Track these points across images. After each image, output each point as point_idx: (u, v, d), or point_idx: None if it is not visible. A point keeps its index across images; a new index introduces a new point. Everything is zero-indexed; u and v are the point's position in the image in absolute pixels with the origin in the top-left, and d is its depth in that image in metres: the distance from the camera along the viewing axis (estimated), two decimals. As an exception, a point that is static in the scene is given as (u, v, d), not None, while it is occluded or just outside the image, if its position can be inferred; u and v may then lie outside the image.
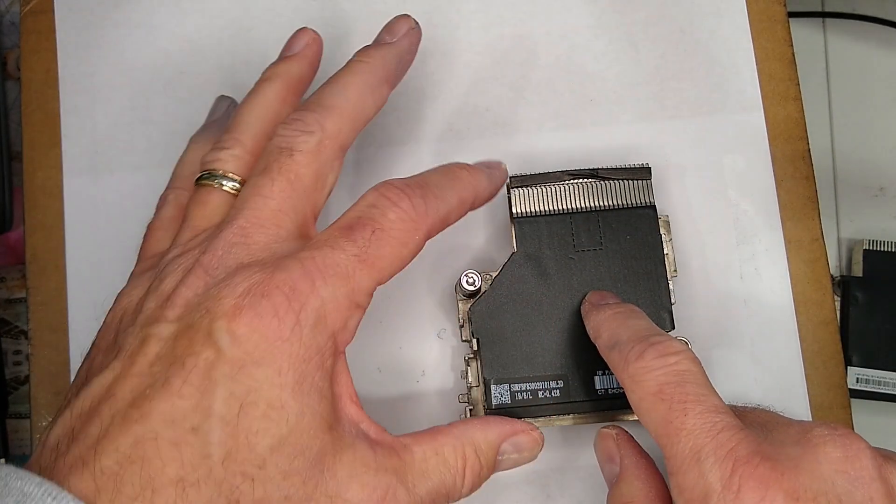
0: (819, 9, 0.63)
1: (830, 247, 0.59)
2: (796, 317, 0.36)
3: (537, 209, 0.34)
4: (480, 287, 0.33)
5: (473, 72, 0.38)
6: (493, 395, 0.32)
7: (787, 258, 0.36)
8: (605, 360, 0.29)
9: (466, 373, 0.33)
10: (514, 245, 0.34)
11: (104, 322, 0.28)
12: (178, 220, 0.30)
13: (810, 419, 0.35)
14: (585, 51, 0.38)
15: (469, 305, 0.33)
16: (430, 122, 0.37)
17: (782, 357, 0.35)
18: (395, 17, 0.33)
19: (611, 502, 0.28)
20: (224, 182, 0.29)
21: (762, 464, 0.23)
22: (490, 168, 0.32)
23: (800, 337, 0.35)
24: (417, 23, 0.33)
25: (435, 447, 0.27)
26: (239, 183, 0.29)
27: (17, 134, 0.43)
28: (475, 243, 0.36)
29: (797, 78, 0.38)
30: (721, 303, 0.36)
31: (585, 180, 0.34)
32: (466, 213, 0.30)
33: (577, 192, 0.34)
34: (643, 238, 0.33)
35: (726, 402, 0.26)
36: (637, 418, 0.33)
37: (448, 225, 0.30)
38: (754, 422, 0.27)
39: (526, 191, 0.34)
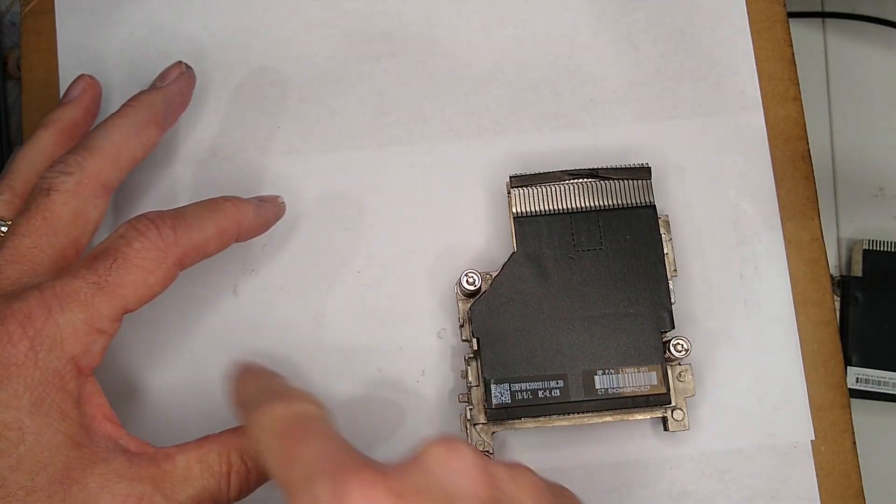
0: (819, 9, 0.63)
1: (830, 247, 0.59)
2: (796, 317, 0.36)
3: (537, 209, 0.34)
4: (480, 287, 0.33)
5: (473, 72, 0.38)
6: (493, 395, 0.32)
7: (787, 258, 0.36)
8: (239, 421, 0.28)
9: (466, 373, 0.33)
10: (514, 245, 0.34)
11: None
12: None
13: (810, 419, 0.35)
14: (585, 51, 0.38)
15: (469, 305, 0.33)
16: (430, 122, 0.37)
17: (782, 357, 0.35)
18: (169, 66, 0.35)
19: None
20: None
21: (367, 470, 0.23)
22: (263, 202, 0.33)
23: (800, 337, 0.36)
24: (189, 67, 0.36)
25: (199, 454, 0.28)
26: (8, 225, 0.31)
27: (17, 134, 0.43)
28: (475, 243, 0.36)
29: (797, 78, 0.38)
30: (721, 303, 0.36)
31: (585, 180, 0.34)
32: (230, 243, 0.32)
33: (577, 192, 0.34)
34: (643, 238, 0.33)
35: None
36: (640, 417, 0.33)
37: (206, 254, 0.31)
38: None
39: (526, 191, 0.34)
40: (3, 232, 0.31)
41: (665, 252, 0.34)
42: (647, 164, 0.34)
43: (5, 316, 0.26)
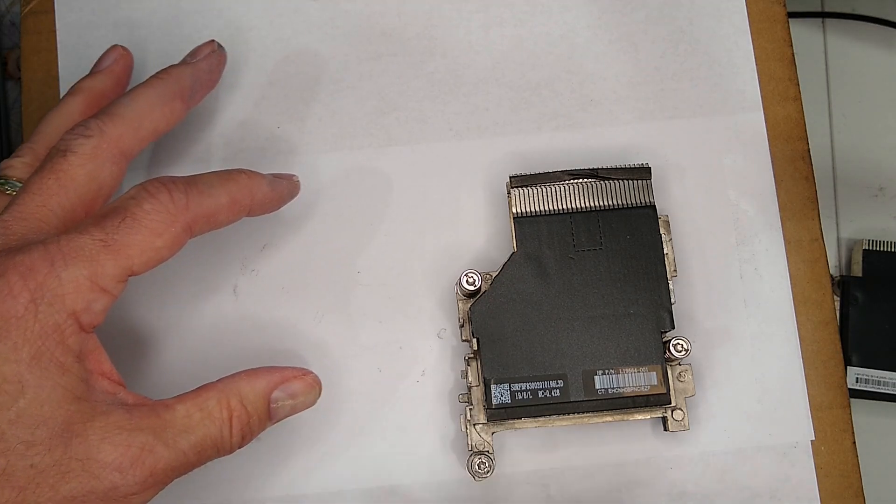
0: (819, 9, 0.63)
1: (830, 247, 0.59)
2: (796, 317, 0.36)
3: (537, 209, 0.34)
4: (480, 287, 0.33)
5: (473, 72, 0.38)
6: (493, 395, 0.32)
7: (787, 258, 0.36)
8: None
9: (466, 373, 0.33)
10: (514, 245, 0.34)
11: None
12: None
13: (810, 419, 0.35)
14: (585, 51, 0.38)
15: (469, 305, 0.33)
16: (430, 122, 0.37)
17: (782, 357, 0.35)
18: (202, 43, 0.35)
19: None
20: (11, 186, 0.32)
21: None
22: (278, 177, 0.33)
23: (800, 337, 0.36)
24: (221, 46, 0.36)
25: (198, 402, 0.28)
26: None
27: (17, 134, 0.43)
28: (475, 243, 0.36)
29: (797, 78, 0.38)
30: (721, 303, 0.36)
31: (585, 180, 0.34)
32: (242, 215, 0.31)
33: (577, 192, 0.34)
34: (643, 238, 0.33)
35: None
36: (640, 417, 0.33)
37: (217, 224, 0.30)
38: None
39: (526, 191, 0.34)
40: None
41: (665, 252, 0.34)
42: (647, 164, 0.34)
43: (7, 268, 0.26)
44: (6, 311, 0.26)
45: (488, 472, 0.32)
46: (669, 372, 0.33)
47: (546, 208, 0.34)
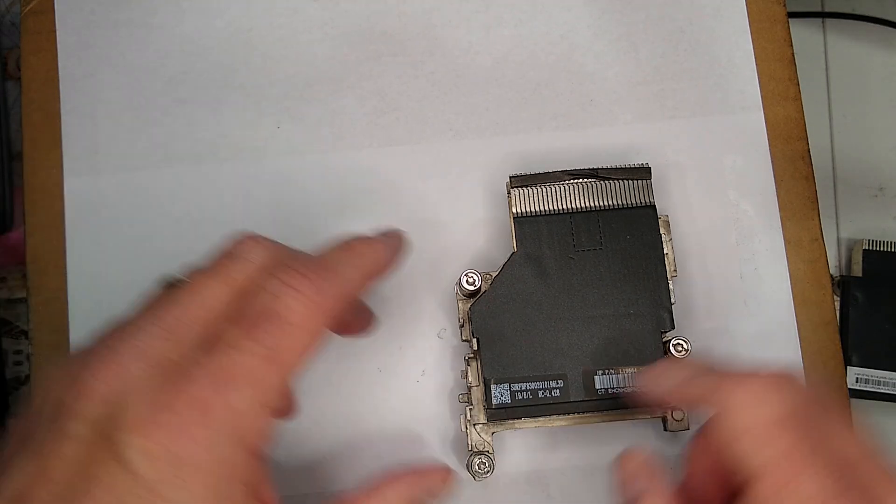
0: (819, 9, 0.63)
1: (830, 247, 0.59)
2: (796, 317, 0.36)
3: (537, 209, 0.34)
4: (480, 287, 0.33)
5: (473, 72, 0.38)
6: (493, 395, 0.32)
7: (787, 258, 0.36)
8: (686, 393, 0.29)
9: (466, 373, 0.33)
10: (514, 245, 0.34)
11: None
12: None
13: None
14: (585, 51, 0.38)
15: (469, 305, 0.33)
16: (430, 122, 0.37)
17: (782, 357, 0.35)
18: (395, 230, 0.32)
19: None
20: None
21: None
22: (388, 237, 0.30)
23: (800, 337, 0.36)
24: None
25: None
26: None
27: (17, 134, 0.43)
28: (475, 243, 0.36)
29: (797, 78, 0.38)
30: (721, 303, 0.36)
31: (585, 180, 0.34)
32: (370, 288, 0.29)
33: (577, 192, 0.34)
34: (643, 238, 0.33)
35: None
36: (640, 418, 0.33)
37: (350, 303, 0.28)
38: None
39: (526, 191, 0.34)
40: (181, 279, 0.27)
41: (665, 252, 0.34)
42: (647, 164, 0.34)
43: (178, 401, 0.24)
44: (185, 453, 0.23)
45: (488, 472, 0.32)
46: (669, 372, 0.33)
47: (546, 208, 0.34)
